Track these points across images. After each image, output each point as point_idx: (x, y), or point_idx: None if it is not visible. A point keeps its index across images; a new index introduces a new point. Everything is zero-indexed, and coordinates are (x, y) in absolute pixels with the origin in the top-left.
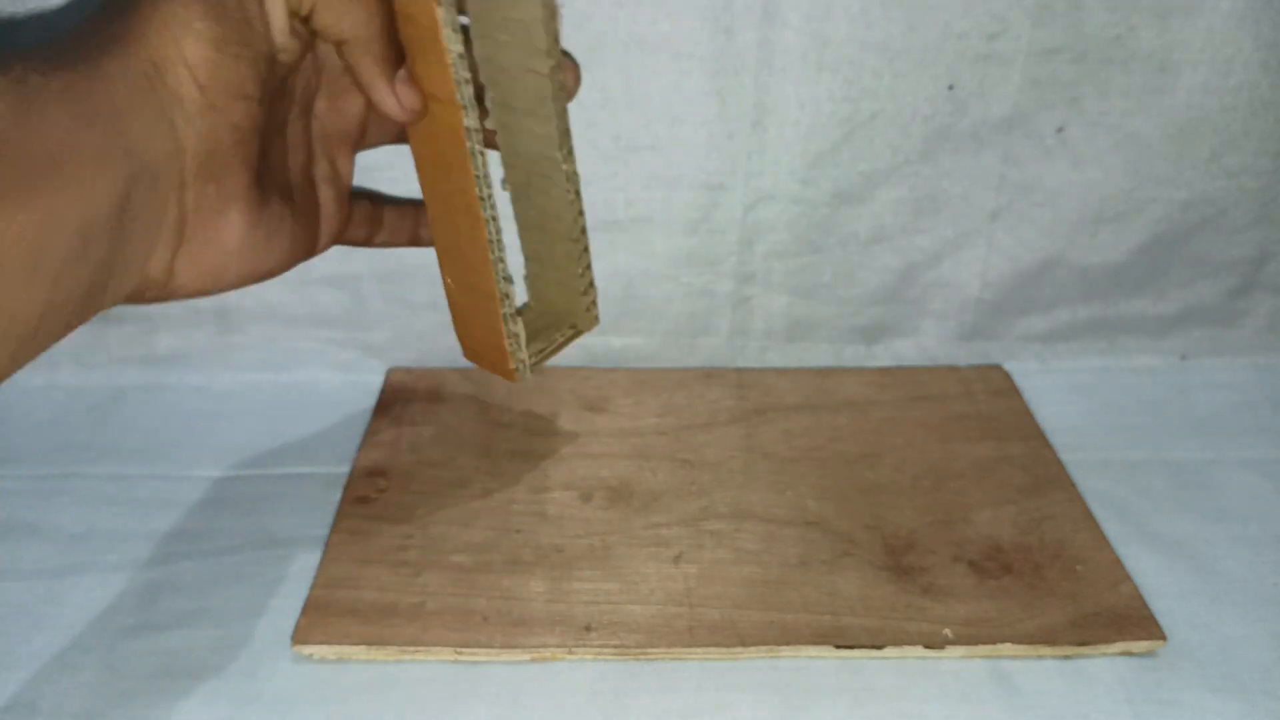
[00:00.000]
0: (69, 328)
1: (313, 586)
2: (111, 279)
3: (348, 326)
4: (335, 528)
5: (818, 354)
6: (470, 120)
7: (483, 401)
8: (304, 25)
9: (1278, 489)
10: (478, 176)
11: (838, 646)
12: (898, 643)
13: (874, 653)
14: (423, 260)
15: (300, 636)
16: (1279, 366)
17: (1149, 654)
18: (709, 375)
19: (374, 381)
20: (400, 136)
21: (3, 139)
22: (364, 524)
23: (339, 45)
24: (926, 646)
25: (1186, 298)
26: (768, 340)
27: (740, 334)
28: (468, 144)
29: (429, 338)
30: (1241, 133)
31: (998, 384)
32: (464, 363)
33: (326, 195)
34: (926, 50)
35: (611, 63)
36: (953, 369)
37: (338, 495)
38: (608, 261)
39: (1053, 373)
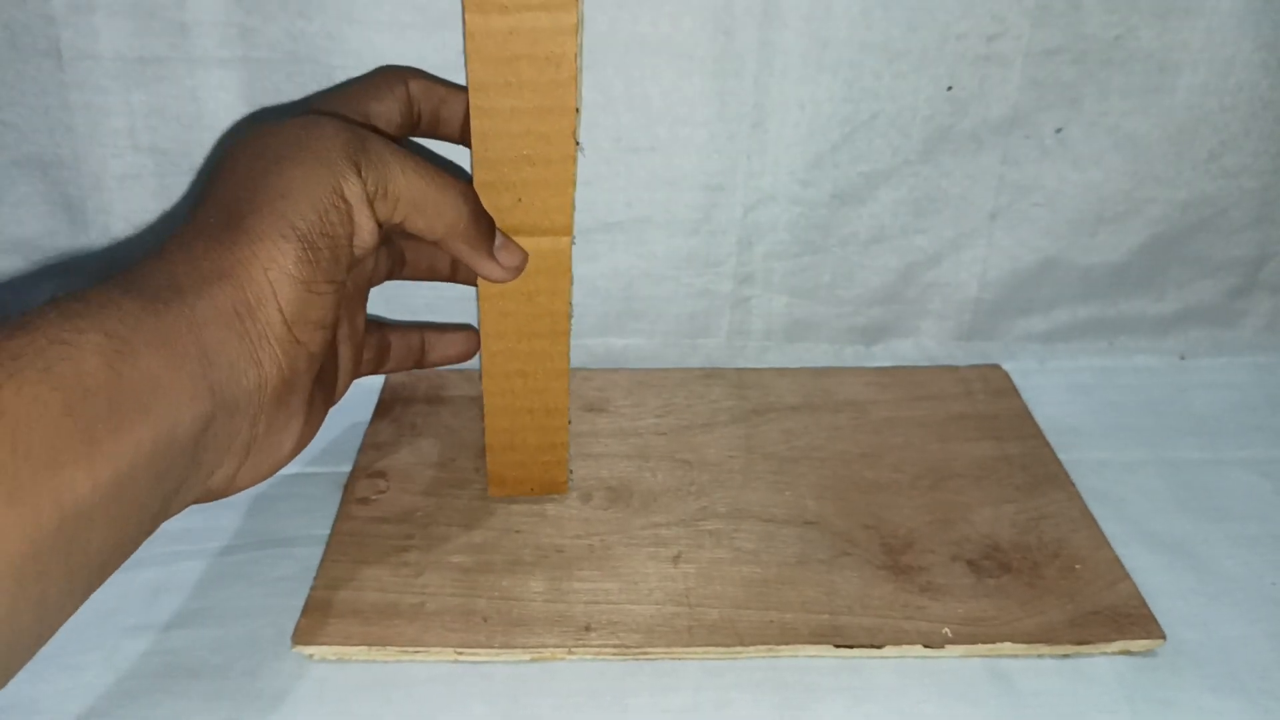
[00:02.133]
0: (135, 546)
1: (313, 587)
2: (177, 498)
3: None
4: (336, 528)
5: (817, 354)
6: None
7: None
8: (392, 229)
9: (1277, 489)
10: (569, 297)
11: (837, 646)
12: (897, 642)
13: (873, 652)
14: None
15: (301, 637)
16: (1278, 366)
17: (1148, 653)
18: (709, 375)
19: (374, 382)
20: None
21: (95, 389)
22: (365, 525)
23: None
24: (925, 646)
25: (1186, 298)
26: (767, 340)
27: (740, 334)
28: (570, 269)
29: None
30: (1241, 133)
31: (997, 384)
32: (464, 364)
33: (345, 354)
34: (926, 51)
35: (612, 64)
36: (952, 369)
37: (338, 496)
38: (608, 261)
39: (1052, 373)
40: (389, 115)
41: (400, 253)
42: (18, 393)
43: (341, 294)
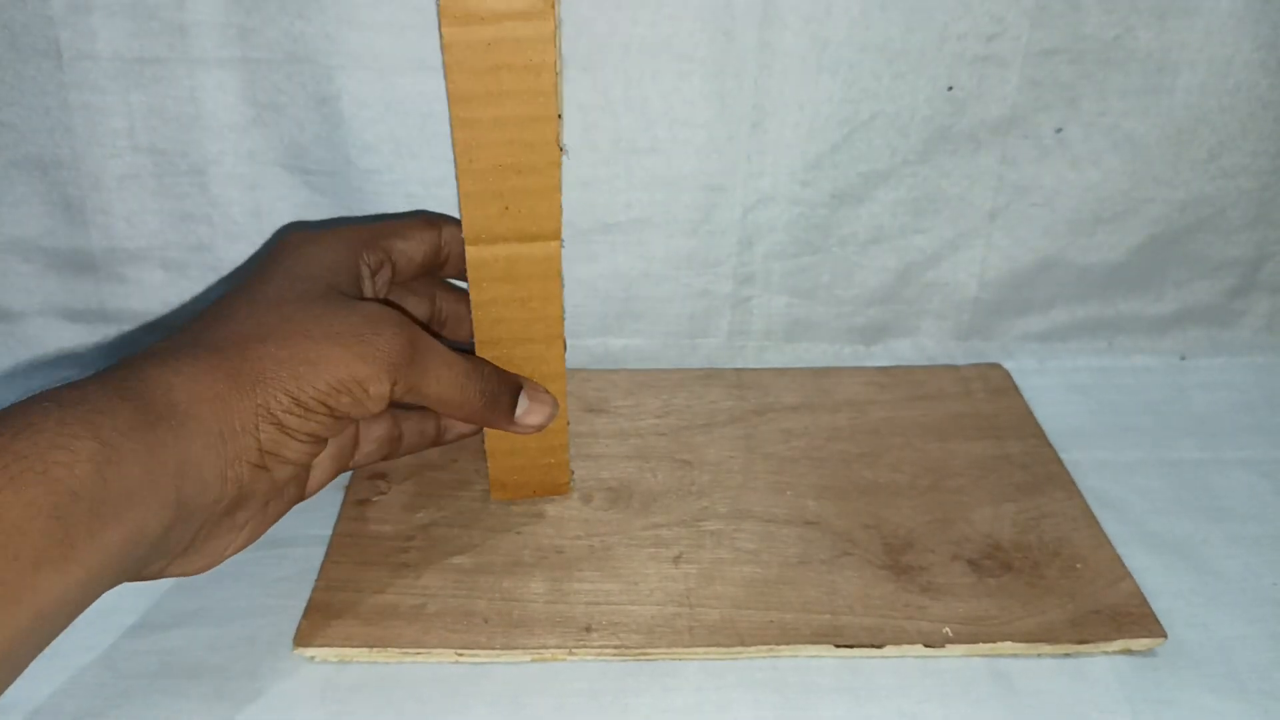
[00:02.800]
0: (70, 620)
1: (314, 589)
2: (119, 580)
3: None
4: (336, 530)
5: (817, 354)
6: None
7: None
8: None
9: (1277, 489)
10: (561, 302)
11: (837, 646)
12: (897, 642)
13: (873, 652)
14: None
15: (302, 639)
16: (1278, 366)
17: (1148, 653)
18: (708, 376)
19: None
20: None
21: (82, 495)
22: (365, 526)
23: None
24: (926, 645)
25: (1185, 298)
26: (767, 340)
27: (740, 334)
28: (561, 273)
29: None
30: (1239, 133)
31: (997, 383)
32: None
33: (327, 467)
34: (925, 51)
35: (611, 65)
36: (952, 368)
37: (339, 497)
38: (607, 262)
39: (1051, 373)
40: (412, 254)
41: (399, 434)
42: (16, 495)
43: (323, 444)
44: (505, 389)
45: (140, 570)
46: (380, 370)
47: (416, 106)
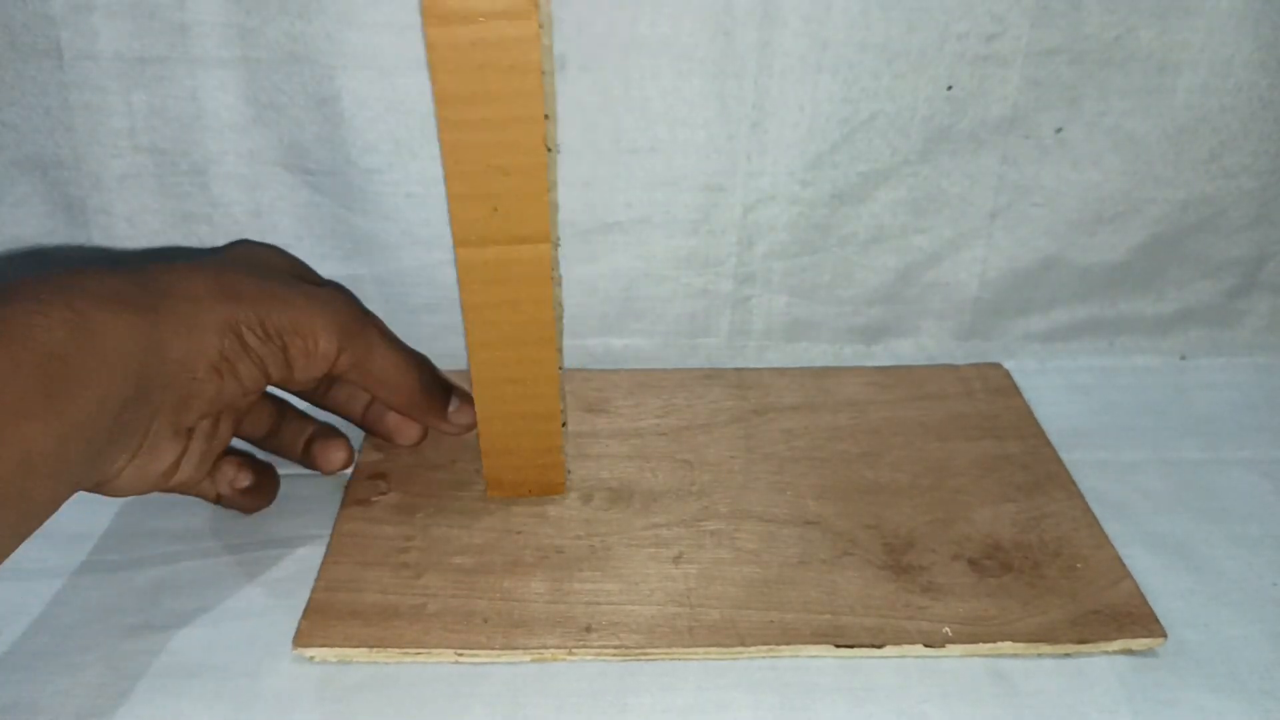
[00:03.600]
0: (47, 516)
1: (314, 589)
2: (88, 474)
3: None
4: (336, 530)
5: (817, 354)
6: (555, 253)
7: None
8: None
9: (1277, 489)
10: (557, 304)
11: (837, 646)
12: (897, 642)
13: (874, 652)
14: (423, 263)
15: (302, 639)
16: (1278, 366)
17: (1148, 653)
18: (709, 376)
19: None
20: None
21: (59, 353)
22: (365, 526)
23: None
24: (926, 645)
25: (1185, 298)
26: (767, 340)
27: (740, 334)
28: (554, 274)
29: (429, 340)
30: (1240, 133)
31: (997, 382)
32: (465, 365)
33: (198, 449)
34: (925, 51)
35: (611, 65)
36: (952, 367)
37: (339, 497)
38: (608, 262)
39: (1051, 373)
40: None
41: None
42: (2, 352)
43: (261, 389)
44: (440, 385)
45: (101, 461)
46: (332, 332)
47: (416, 106)
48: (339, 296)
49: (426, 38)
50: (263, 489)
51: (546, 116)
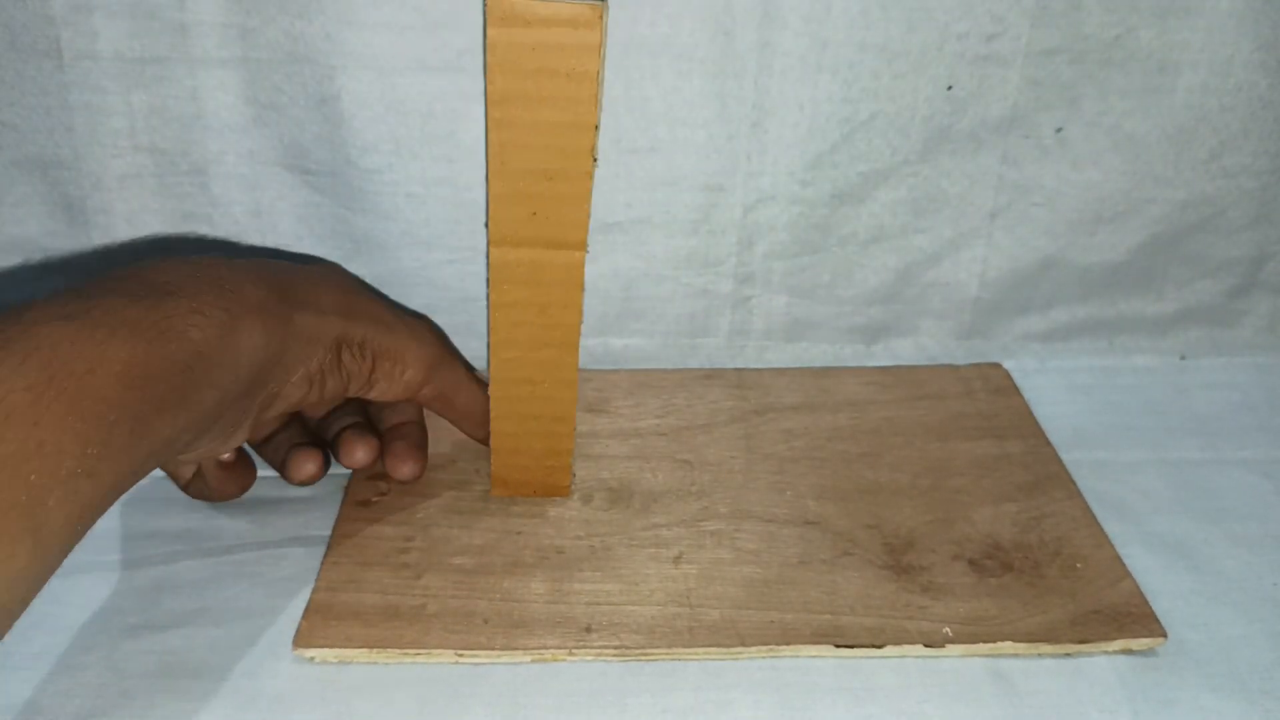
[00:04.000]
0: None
1: (314, 589)
2: (185, 451)
3: None
4: (336, 531)
5: (817, 354)
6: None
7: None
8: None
9: (1277, 489)
10: (581, 310)
11: (837, 646)
12: (898, 642)
13: (874, 652)
14: (423, 263)
15: (302, 640)
16: (1279, 366)
17: (1148, 653)
18: (709, 376)
19: None
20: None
21: (209, 354)
22: (365, 527)
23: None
24: (926, 645)
25: (1185, 297)
26: (767, 340)
27: (740, 334)
28: (583, 283)
29: None
30: (1240, 133)
31: (997, 382)
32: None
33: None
34: (925, 51)
35: (611, 65)
36: (952, 367)
37: (339, 497)
38: (607, 262)
39: (1051, 373)
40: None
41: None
42: (159, 349)
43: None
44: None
45: (196, 445)
46: (421, 363)
47: (416, 106)
48: (430, 328)
49: (488, 37)
50: (241, 471)
51: (596, 126)
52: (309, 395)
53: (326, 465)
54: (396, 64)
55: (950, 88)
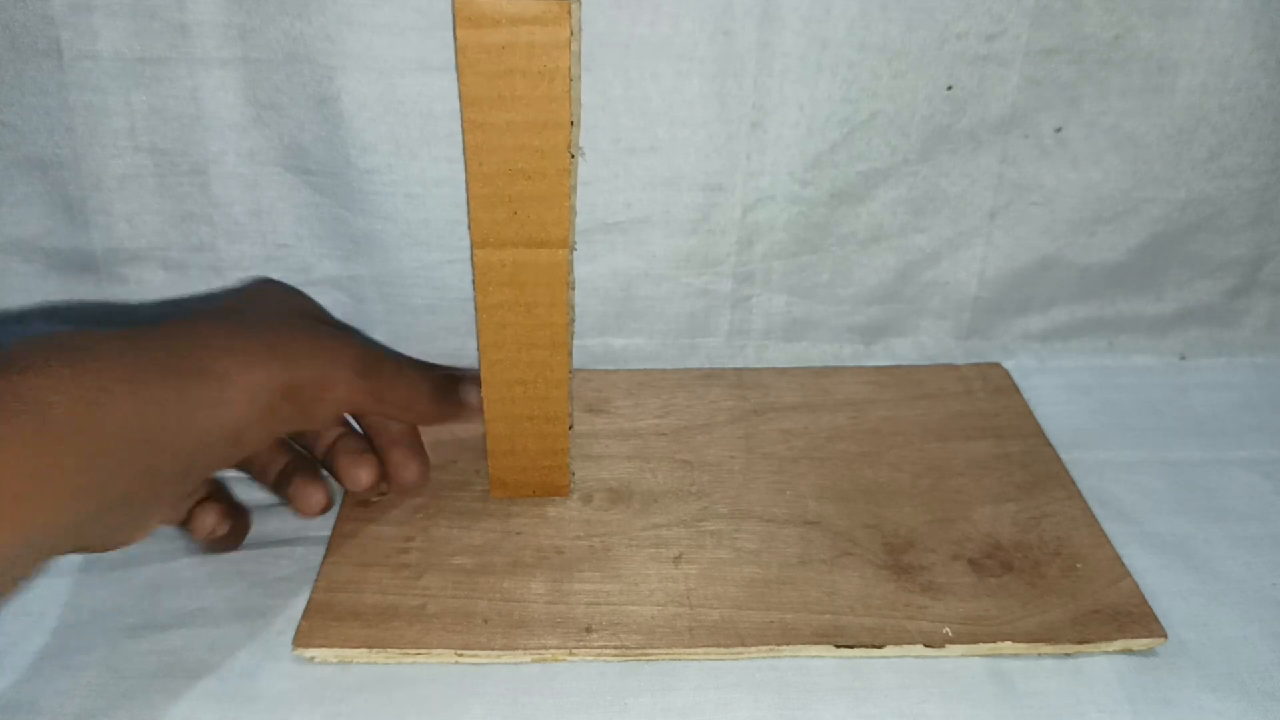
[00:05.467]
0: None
1: (314, 589)
2: (91, 540)
3: None
4: (336, 531)
5: (817, 353)
6: (570, 257)
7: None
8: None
9: (1277, 489)
10: (570, 309)
11: (838, 646)
12: (898, 642)
13: (874, 652)
14: (422, 263)
15: (302, 640)
16: (1278, 366)
17: (1148, 653)
18: (708, 376)
19: None
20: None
21: (80, 431)
22: (365, 527)
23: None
24: (926, 645)
25: (1185, 297)
26: (767, 340)
27: (740, 334)
28: (570, 278)
29: (429, 340)
30: (1240, 133)
31: (997, 382)
32: (464, 365)
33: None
34: (925, 51)
35: (611, 65)
36: (952, 367)
37: (339, 497)
38: (607, 262)
39: (1051, 372)
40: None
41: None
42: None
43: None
44: (447, 384)
45: (100, 530)
46: (347, 379)
47: (416, 106)
48: (350, 340)
49: (457, 39)
50: (237, 534)
51: (572, 122)
52: (237, 454)
53: (331, 495)
54: (396, 64)
55: (950, 87)
